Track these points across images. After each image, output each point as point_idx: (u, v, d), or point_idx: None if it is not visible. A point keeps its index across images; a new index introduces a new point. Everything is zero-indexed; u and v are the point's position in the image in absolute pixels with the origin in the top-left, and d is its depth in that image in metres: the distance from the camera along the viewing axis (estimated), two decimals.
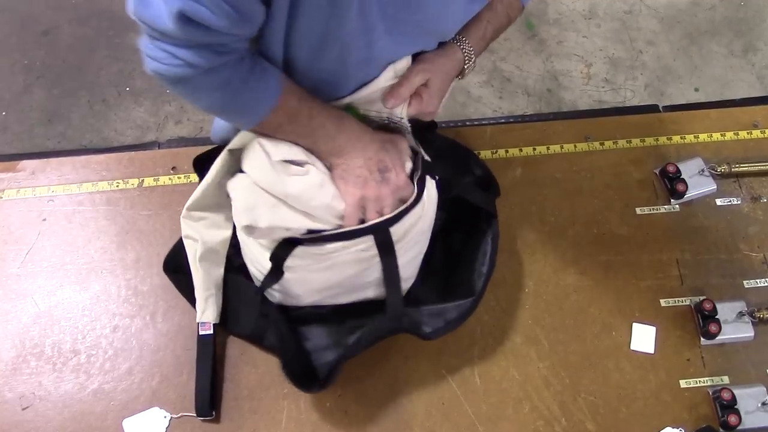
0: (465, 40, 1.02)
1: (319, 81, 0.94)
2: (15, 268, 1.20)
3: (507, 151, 1.32)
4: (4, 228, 1.23)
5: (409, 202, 0.99)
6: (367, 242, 0.99)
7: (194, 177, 1.28)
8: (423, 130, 1.11)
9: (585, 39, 2.67)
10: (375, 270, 1.04)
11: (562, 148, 1.34)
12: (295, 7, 0.82)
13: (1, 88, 2.49)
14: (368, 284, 1.07)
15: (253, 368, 1.13)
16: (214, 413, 1.09)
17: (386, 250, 1.01)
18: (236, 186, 0.98)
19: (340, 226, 0.97)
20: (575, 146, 1.34)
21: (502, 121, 1.45)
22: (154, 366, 1.13)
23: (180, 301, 1.17)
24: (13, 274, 1.19)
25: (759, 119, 1.38)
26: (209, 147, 1.10)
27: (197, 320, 1.11)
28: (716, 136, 1.36)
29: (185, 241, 1.15)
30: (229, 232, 1.16)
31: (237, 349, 1.14)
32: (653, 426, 1.10)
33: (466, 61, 1.03)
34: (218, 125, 1.24)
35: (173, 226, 1.23)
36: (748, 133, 1.36)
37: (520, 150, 1.34)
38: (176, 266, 1.16)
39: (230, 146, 1.03)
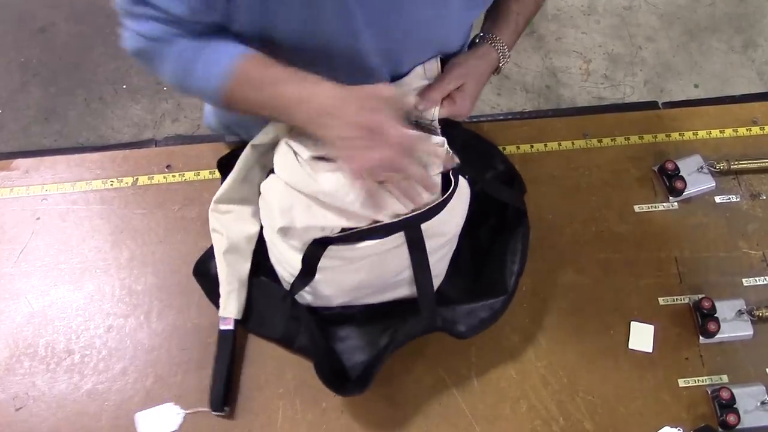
0: (497, 38, 1.02)
1: None
2: (8, 268, 1.19)
3: (504, 149, 1.31)
4: None
5: (441, 198, 0.98)
6: (398, 240, 0.98)
7: (190, 175, 1.27)
8: (446, 126, 1.11)
9: (584, 35, 2.66)
10: (406, 268, 1.03)
11: (559, 145, 1.33)
12: (266, 7, 0.83)
13: None
14: (399, 283, 1.07)
15: (247, 367, 1.12)
16: (227, 409, 1.08)
17: (417, 246, 1.00)
18: (269, 188, 0.98)
19: (375, 222, 0.95)
20: (573, 143, 1.33)
21: (500, 118, 1.44)
22: (149, 366, 1.12)
23: (174, 301, 1.16)
24: (6, 274, 1.18)
25: (758, 116, 1.37)
26: (205, 144, 1.10)
27: (219, 314, 1.10)
28: (715, 133, 1.35)
29: (212, 235, 1.14)
30: (256, 228, 1.15)
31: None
32: (652, 425, 1.10)
33: (501, 59, 1.03)
34: (208, 110, 1.23)
35: (168, 225, 1.22)
36: (747, 130, 1.35)
37: (518, 147, 1.33)
38: (205, 271, 1.16)
39: (253, 141, 1.05)
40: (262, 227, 1.13)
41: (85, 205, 1.24)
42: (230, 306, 1.11)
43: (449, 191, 0.99)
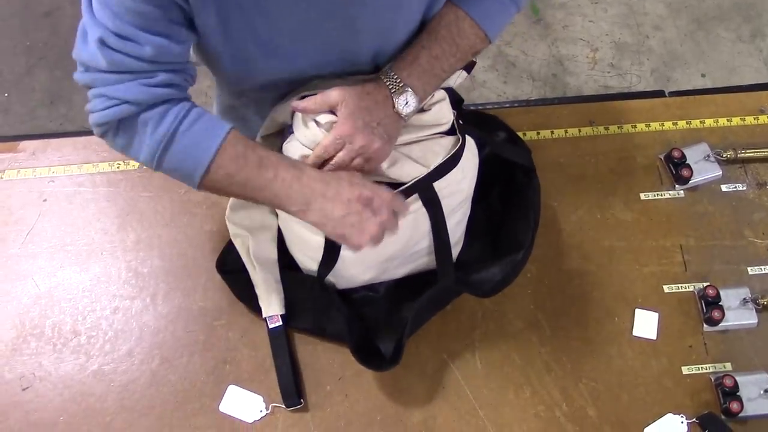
0: (389, 67, 0.96)
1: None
2: (15, 249, 1.19)
3: None
4: (5, 208, 1.22)
5: (450, 155, 1.00)
6: (415, 206, 1.01)
7: None
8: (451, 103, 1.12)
9: (591, 23, 2.65)
10: (424, 236, 1.05)
11: (566, 132, 1.33)
12: (225, 24, 0.85)
13: (3, 69, 2.48)
14: (419, 253, 1.08)
15: (252, 351, 1.12)
16: (302, 401, 1.09)
17: (432, 204, 1.02)
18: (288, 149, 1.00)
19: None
20: (580, 130, 1.33)
21: (507, 105, 1.43)
22: (154, 348, 1.12)
23: (180, 284, 1.17)
24: (13, 255, 1.19)
25: (766, 105, 1.36)
26: None
27: (264, 315, 1.11)
28: (722, 121, 1.34)
29: (235, 241, 1.15)
30: (275, 222, 1.15)
31: (238, 332, 1.14)
32: (655, 412, 1.10)
33: (392, 90, 0.94)
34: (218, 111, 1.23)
35: (174, 208, 1.23)
36: (754, 119, 1.34)
37: (524, 134, 1.32)
38: (230, 266, 1.15)
39: (262, 133, 1.07)
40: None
41: (92, 188, 1.25)
42: (273, 304, 1.11)
43: (457, 147, 1.01)
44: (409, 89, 0.94)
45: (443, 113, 1.03)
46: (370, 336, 1.12)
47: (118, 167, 1.26)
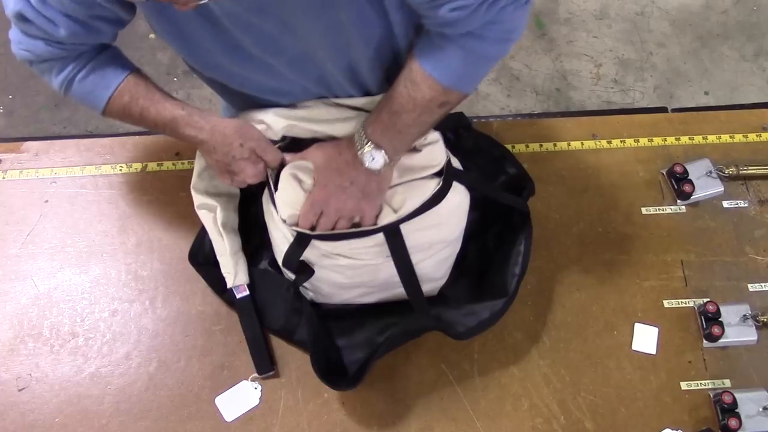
0: (362, 124, 0.98)
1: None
2: (15, 249, 1.19)
3: (513, 147, 1.31)
4: (6, 208, 1.22)
5: (421, 203, 1.01)
6: (378, 240, 1.02)
7: None
8: (458, 128, 1.14)
9: (595, 39, 2.66)
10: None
11: (569, 145, 1.33)
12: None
13: (8, 72, 2.49)
14: (395, 284, 1.07)
15: (249, 356, 1.12)
16: (275, 367, 1.10)
17: (398, 248, 1.02)
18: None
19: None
20: (582, 144, 1.33)
21: (509, 118, 1.44)
22: (152, 351, 1.12)
23: (179, 288, 1.16)
24: (13, 255, 1.19)
25: None
26: None
27: (229, 285, 1.11)
28: (725, 137, 1.34)
29: (199, 212, 1.14)
30: (238, 193, 1.16)
31: (236, 337, 1.13)
32: (653, 427, 1.09)
33: (357, 147, 0.96)
34: (223, 112, 1.24)
35: (175, 211, 1.23)
36: (757, 136, 1.35)
37: (527, 146, 1.32)
38: (203, 258, 1.16)
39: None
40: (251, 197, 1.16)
41: (94, 190, 1.25)
42: (240, 274, 1.11)
43: (431, 195, 1.01)
44: (373, 145, 0.95)
45: (435, 155, 1.04)
46: (338, 351, 1.12)
47: (120, 170, 1.26)
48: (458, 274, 1.16)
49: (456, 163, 1.10)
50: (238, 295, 1.11)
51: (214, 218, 1.12)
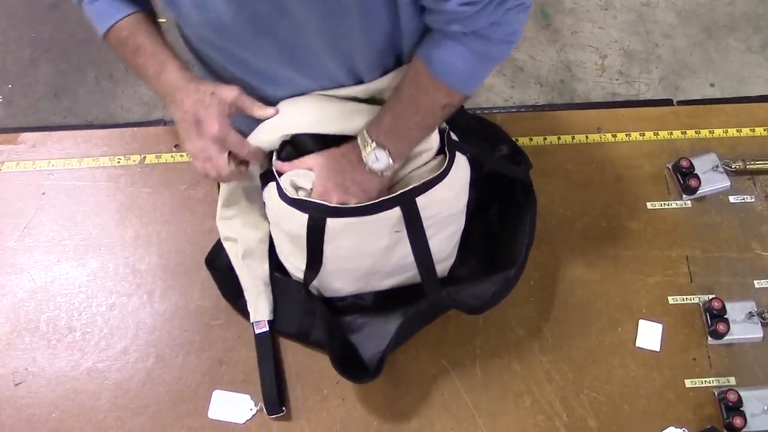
0: (366, 125, 0.97)
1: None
2: (12, 242, 1.18)
3: (517, 140, 1.29)
4: (3, 201, 1.21)
5: (435, 174, 0.99)
6: (395, 215, 0.99)
7: None
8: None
9: (600, 30, 2.63)
10: (410, 249, 1.03)
11: (573, 138, 1.31)
12: None
13: (7, 61, 2.47)
14: (407, 267, 1.06)
15: (249, 351, 1.11)
16: (284, 409, 1.07)
17: (413, 222, 1.00)
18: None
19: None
20: (587, 137, 1.31)
21: (513, 110, 1.42)
22: (150, 346, 1.11)
23: (178, 282, 1.15)
24: (9, 248, 1.17)
25: None
26: None
27: (251, 320, 1.10)
28: (732, 131, 1.33)
29: (225, 244, 1.14)
30: (266, 227, 1.14)
31: (234, 332, 1.12)
32: (656, 425, 1.08)
33: (361, 148, 0.96)
34: None
35: (173, 204, 1.21)
36: (764, 130, 1.33)
37: (530, 139, 1.31)
38: (220, 264, 1.15)
39: (251, 140, 1.04)
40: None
41: (92, 182, 1.23)
42: (261, 309, 1.10)
43: (444, 166, 0.99)
44: (377, 146, 0.94)
45: (429, 138, 1.02)
46: (354, 345, 1.11)
47: (118, 162, 1.25)
48: (466, 254, 1.15)
49: (453, 136, 1.08)
50: (257, 331, 1.10)
51: (237, 252, 1.12)
